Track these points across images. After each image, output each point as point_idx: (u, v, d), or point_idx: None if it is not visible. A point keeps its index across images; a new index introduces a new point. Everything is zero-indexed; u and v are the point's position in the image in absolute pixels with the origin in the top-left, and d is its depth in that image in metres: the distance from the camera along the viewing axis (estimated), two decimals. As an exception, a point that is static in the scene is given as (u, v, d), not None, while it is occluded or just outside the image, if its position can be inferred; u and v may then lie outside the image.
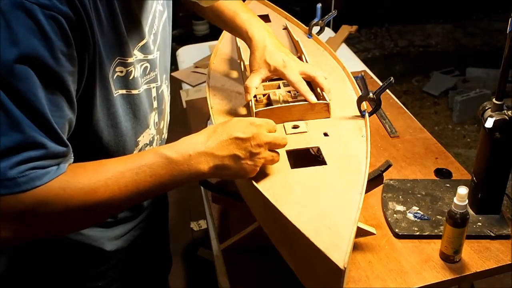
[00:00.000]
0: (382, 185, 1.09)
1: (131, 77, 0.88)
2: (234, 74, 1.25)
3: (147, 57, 0.93)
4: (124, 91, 0.88)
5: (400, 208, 1.17)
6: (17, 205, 0.68)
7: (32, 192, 0.68)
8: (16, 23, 0.65)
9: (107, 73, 0.82)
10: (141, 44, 0.90)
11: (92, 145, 0.88)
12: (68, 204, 0.72)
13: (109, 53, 0.81)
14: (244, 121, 0.83)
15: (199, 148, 0.79)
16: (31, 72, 0.67)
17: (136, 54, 0.89)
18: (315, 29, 1.42)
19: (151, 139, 1.02)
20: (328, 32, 2.32)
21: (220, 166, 0.81)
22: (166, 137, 1.13)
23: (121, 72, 0.86)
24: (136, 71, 0.90)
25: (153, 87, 0.98)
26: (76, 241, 1.00)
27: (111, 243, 1.05)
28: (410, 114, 1.59)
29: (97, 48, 0.77)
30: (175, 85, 1.95)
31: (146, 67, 0.94)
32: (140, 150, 0.99)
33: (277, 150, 0.86)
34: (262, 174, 0.87)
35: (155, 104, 1.00)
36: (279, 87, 1.15)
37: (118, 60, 0.84)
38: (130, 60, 0.87)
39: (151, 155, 0.78)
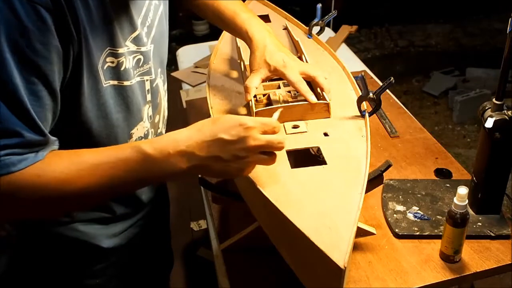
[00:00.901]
0: (382, 185, 1.09)
1: (122, 68, 0.88)
2: (234, 74, 1.25)
3: (140, 49, 0.92)
4: (115, 82, 0.87)
5: (400, 208, 1.17)
6: None
7: (7, 177, 0.70)
8: None
9: (96, 63, 0.82)
10: (133, 35, 0.90)
11: (82, 136, 0.87)
12: (43, 192, 0.73)
13: (99, 43, 0.81)
14: (233, 121, 0.77)
15: (180, 147, 0.77)
16: (9, 60, 0.68)
17: (129, 45, 0.89)
18: (315, 29, 1.42)
19: (145, 133, 1.01)
20: (328, 32, 2.32)
21: (200, 166, 0.78)
22: (163, 132, 1.13)
23: (112, 62, 0.85)
24: (128, 62, 0.89)
25: (147, 80, 0.97)
26: (73, 238, 1.00)
27: (109, 240, 1.05)
28: (410, 114, 1.59)
29: (83, 38, 0.76)
30: (175, 85, 1.95)
31: (139, 59, 0.93)
32: None
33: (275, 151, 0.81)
34: (262, 174, 0.87)
35: (148, 97, 0.99)
36: (279, 87, 1.15)
37: (109, 51, 0.84)
38: (121, 50, 0.86)
39: (128, 149, 0.77)
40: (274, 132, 0.79)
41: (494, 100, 1.02)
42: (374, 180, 0.99)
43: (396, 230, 1.10)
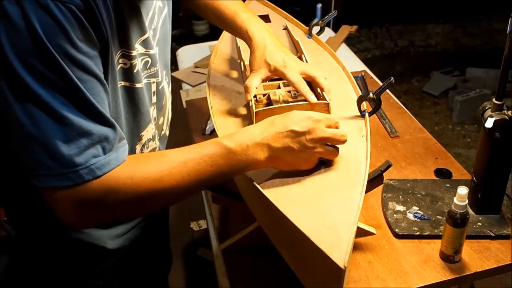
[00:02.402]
0: (382, 185, 1.09)
1: (134, 70, 0.89)
2: (234, 74, 1.25)
3: (148, 51, 0.94)
4: (127, 83, 0.89)
5: (400, 208, 1.17)
6: (86, 193, 0.74)
7: (100, 180, 0.74)
8: (34, 20, 0.67)
9: (115, 62, 0.84)
10: (142, 38, 0.91)
11: None
12: (136, 192, 0.77)
13: (114, 44, 0.83)
14: (303, 115, 0.85)
15: (256, 139, 0.83)
16: (60, 63, 0.69)
17: (138, 48, 0.90)
18: (315, 29, 1.42)
19: (153, 134, 1.02)
20: (328, 32, 2.32)
21: (275, 157, 0.84)
22: (167, 134, 1.13)
23: (125, 64, 0.87)
24: (138, 65, 0.91)
25: (153, 82, 0.99)
26: (78, 239, 1.01)
27: (113, 241, 1.05)
28: (410, 114, 1.59)
29: (108, 37, 0.78)
30: (175, 85, 1.94)
31: (147, 61, 0.94)
32: (143, 146, 1.00)
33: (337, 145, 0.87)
34: (262, 174, 0.87)
35: (154, 99, 1.01)
36: (279, 87, 1.15)
37: (122, 52, 0.85)
38: (133, 53, 0.88)
39: (211, 145, 0.82)
40: (337, 127, 0.87)
41: (494, 100, 1.02)
42: (374, 180, 0.99)
43: (396, 230, 1.10)
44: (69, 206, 0.75)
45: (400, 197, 1.20)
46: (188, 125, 1.64)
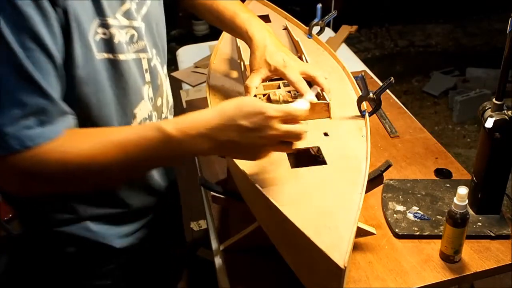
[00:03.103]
0: (382, 185, 1.09)
1: (115, 41, 0.88)
2: (234, 74, 1.26)
3: (132, 23, 0.92)
4: (110, 55, 0.87)
5: (400, 208, 1.17)
6: (19, 163, 0.74)
7: (31, 152, 0.73)
8: None
9: (87, 33, 0.82)
10: (123, 8, 0.90)
11: (83, 114, 0.87)
12: (68, 168, 0.76)
13: (87, 12, 0.82)
14: (256, 109, 0.77)
15: (200, 129, 0.78)
16: (3, 28, 0.70)
17: (119, 19, 0.89)
18: (315, 29, 1.42)
19: (149, 114, 1.01)
20: (328, 32, 2.32)
21: (220, 147, 0.80)
22: (169, 117, 1.12)
23: (104, 34, 0.85)
24: (121, 36, 0.89)
25: (143, 58, 0.97)
26: (85, 237, 1.01)
27: (120, 240, 1.05)
28: (410, 114, 1.59)
29: (67, 5, 0.77)
30: (175, 85, 1.95)
31: (133, 35, 0.93)
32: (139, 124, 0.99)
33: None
34: (262, 173, 0.87)
35: (147, 77, 0.99)
36: (279, 87, 1.16)
37: (98, 20, 0.84)
38: (111, 22, 0.86)
39: (152, 129, 0.78)
40: (296, 122, 0.80)
41: (494, 100, 1.02)
42: (374, 180, 0.99)
43: (396, 230, 1.10)
44: (4, 174, 0.76)
45: (400, 197, 1.20)
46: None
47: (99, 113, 0.89)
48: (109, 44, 0.87)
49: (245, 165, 0.89)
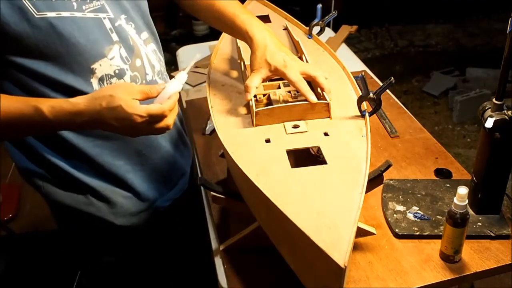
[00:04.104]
0: (382, 185, 1.09)
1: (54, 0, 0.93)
2: (234, 73, 1.26)
3: None
4: (53, 14, 0.93)
5: (400, 208, 1.17)
6: None
7: None
8: None
9: None
10: None
11: (31, 72, 0.96)
12: None
13: None
14: (124, 114, 0.88)
15: (75, 120, 0.90)
16: None
17: None
18: (315, 29, 1.42)
19: (116, 71, 1.05)
20: (328, 32, 2.32)
21: (90, 129, 0.96)
22: (158, 81, 1.16)
23: None
24: None
25: (104, 18, 1.03)
26: (89, 212, 1.10)
27: (121, 219, 1.13)
28: (410, 114, 1.59)
29: None
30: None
31: None
32: (100, 80, 1.03)
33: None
34: (262, 173, 0.87)
35: (114, 37, 1.04)
36: (279, 87, 1.16)
37: None
38: None
39: (30, 107, 0.89)
40: (165, 116, 0.92)
41: (494, 100, 1.02)
42: (374, 180, 0.99)
43: (396, 230, 1.10)
44: None
45: (400, 197, 1.20)
46: (188, 125, 1.64)
47: (48, 68, 0.96)
48: (51, 3, 0.93)
49: (245, 165, 0.89)
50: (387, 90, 1.21)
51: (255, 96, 1.08)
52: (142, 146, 1.15)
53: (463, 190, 0.97)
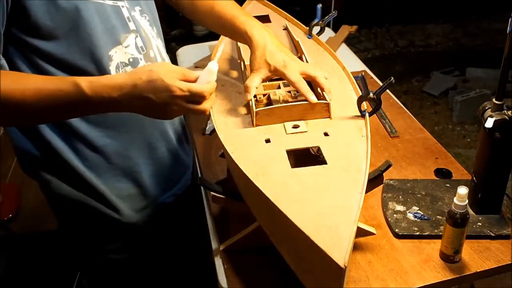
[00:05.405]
0: (382, 185, 1.09)
1: None
2: (234, 73, 1.26)
3: None
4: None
5: (400, 208, 1.17)
6: None
7: None
8: None
9: None
10: None
11: (46, 53, 0.95)
12: None
13: None
14: (164, 86, 0.87)
15: (113, 94, 0.88)
16: None
17: None
18: (315, 29, 1.42)
19: (130, 60, 1.05)
20: (328, 32, 2.32)
21: (128, 110, 0.92)
22: None
23: None
24: None
25: (122, 7, 1.04)
26: (94, 207, 1.10)
27: (130, 214, 1.13)
28: (410, 114, 1.59)
29: None
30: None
31: None
32: (116, 67, 1.03)
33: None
34: (262, 173, 0.87)
35: (131, 26, 1.05)
36: (279, 87, 1.16)
37: None
38: None
39: (70, 84, 0.87)
40: (204, 99, 0.91)
41: (494, 100, 1.02)
42: (374, 180, 0.99)
43: (396, 230, 1.10)
44: None
45: (400, 197, 1.20)
46: (188, 125, 1.64)
47: (64, 52, 0.96)
48: None
49: (245, 165, 0.89)
50: (387, 90, 1.20)
51: (255, 96, 1.08)
52: (153, 139, 1.15)
53: (463, 190, 0.97)
